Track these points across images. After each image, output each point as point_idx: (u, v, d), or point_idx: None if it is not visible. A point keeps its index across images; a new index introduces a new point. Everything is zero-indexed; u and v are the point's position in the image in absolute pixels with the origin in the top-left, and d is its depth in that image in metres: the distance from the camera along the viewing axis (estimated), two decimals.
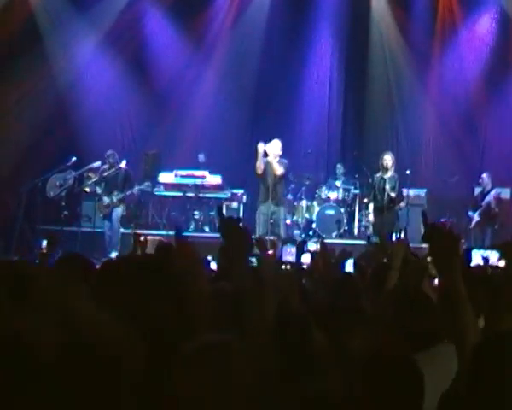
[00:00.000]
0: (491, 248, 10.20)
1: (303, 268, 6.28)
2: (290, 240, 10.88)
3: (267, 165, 13.04)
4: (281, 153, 13.08)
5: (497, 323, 3.27)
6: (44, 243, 11.57)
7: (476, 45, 16.40)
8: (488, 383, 2.18)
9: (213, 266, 7.25)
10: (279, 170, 12.87)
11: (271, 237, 12.68)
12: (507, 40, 16.06)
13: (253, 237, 12.00)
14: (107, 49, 16.10)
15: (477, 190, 14.87)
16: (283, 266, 4.36)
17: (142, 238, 6.75)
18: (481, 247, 11.09)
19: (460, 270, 2.79)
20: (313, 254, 6.72)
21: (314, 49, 16.85)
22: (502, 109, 16.23)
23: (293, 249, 5.01)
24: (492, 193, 14.52)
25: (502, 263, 2.52)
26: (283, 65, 16.54)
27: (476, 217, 14.47)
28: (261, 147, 13.01)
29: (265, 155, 13.20)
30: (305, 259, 6.65)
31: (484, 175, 14.68)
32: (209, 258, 7.37)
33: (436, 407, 2.57)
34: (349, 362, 3.16)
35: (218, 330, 3.17)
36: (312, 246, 7.73)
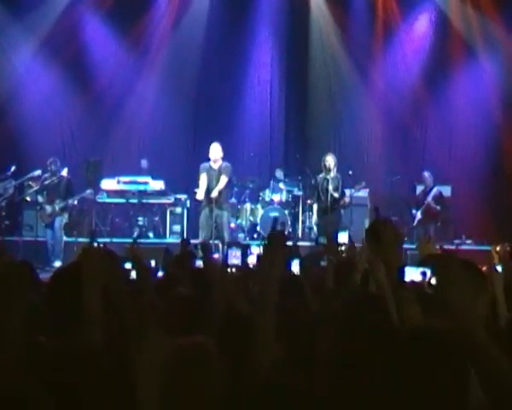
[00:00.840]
0: (421, 264, 10.27)
1: (250, 269, 6.28)
2: (235, 243, 10.87)
3: (209, 169, 12.99)
4: (222, 155, 13.05)
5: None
6: None
7: (416, 44, 16.61)
8: None
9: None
10: (223, 180, 12.84)
11: (216, 241, 12.68)
12: (445, 38, 16.30)
13: (197, 241, 12.06)
14: (45, 55, 15.89)
15: (419, 189, 15.07)
16: (229, 270, 4.36)
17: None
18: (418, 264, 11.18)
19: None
20: (259, 256, 6.73)
21: (254, 51, 16.87)
22: (441, 107, 16.47)
23: (239, 253, 4.99)
24: (433, 191, 14.73)
25: (433, 280, 2.43)
26: (224, 68, 16.52)
27: (419, 215, 14.69)
28: (203, 177, 12.93)
29: (208, 159, 13.16)
30: (251, 260, 6.67)
31: (425, 173, 14.89)
32: (152, 263, 7.31)
33: None
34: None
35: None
36: (256, 249, 7.73)
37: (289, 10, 16.54)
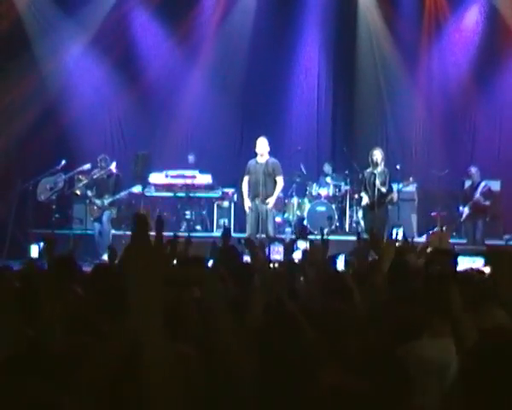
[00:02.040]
0: (476, 254, 10.19)
1: (295, 264, 6.30)
2: (277, 239, 10.90)
3: (257, 165, 13.05)
4: (268, 149, 13.08)
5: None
6: (33, 247, 11.57)
7: (464, 39, 16.42)
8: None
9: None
10: (280, 183, 13.01)
11: (262, 236, 12.72)
12: (495, 33, 16.09)
13: (244, 235, 12.12)
14: (95, 50, 16.07)
15: (467, 184, 14.91)
16: (271, 265, 4.38)
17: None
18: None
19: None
20: (305, 251, 6.75)
21: (301, 46, 16.85)
22: (490, 102, 16.29)
23: (281, 248, 5.01)
24: (482, 185, 14.56)
25: (487, 269, 2.58)
26: (271, 63, 16.52)
27: (467, 210, 14.51)
28: (245, 182, 13.11)
29: (255, 154, 13.22)
30: (297, 256, 6.69)
31: (472, 169, 14.70)
32: None
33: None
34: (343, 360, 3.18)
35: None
36: (302, 244, 7.74)
37: (337, 4, 16.48)
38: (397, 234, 12.37)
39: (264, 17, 16.46)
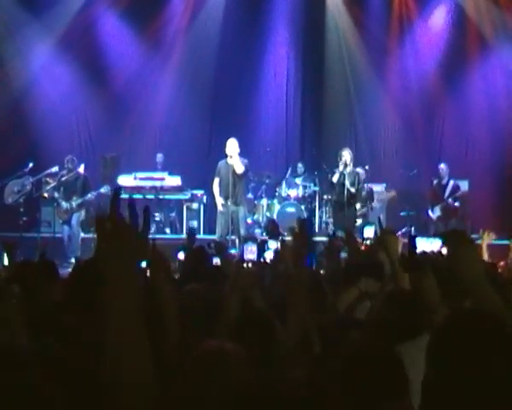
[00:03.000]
0: (434, 235, 10.32)
1: (266, 263, 6.30)
2: (251, 238, 10.88)
3: (227, 166, 13.02)
4: (239, 150, 13.04)
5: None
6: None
7: (432, 39, 16.55)
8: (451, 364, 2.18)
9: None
10: (239, 169, 12.84)
11: (232, 237, 12.70)
12: (462, 33, 16.23)
13: (213, 237, 12.09)
14: (62, 52, 15.96)
15: (435, 182, 15.01)
16: (245, 265, 4.36)
17: None
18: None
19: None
20: (276, 251, 6.76)
21: (271, 47, 16.87)
22: (458, 102, 16.41)
23: (254, 247, 4.97)
24: (450, 185, 14.64)
25: (444, 250, 2.63)
26: (240, 64, 16.53)
27: (438, 211, 14.57)
28: (216, 183, 13.10)
29: (226, 155, 13.18)
30: (268, 256, 6.69)
31: (442, 166, 14.79)
32: (180, 256, 7.40)
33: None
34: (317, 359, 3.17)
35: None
36: (273, 244, 7.74)
37: (306, 6, 16.52)
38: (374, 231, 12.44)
39: (232, 19, 16.45)
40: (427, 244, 3.08)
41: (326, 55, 16.82)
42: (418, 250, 3.19)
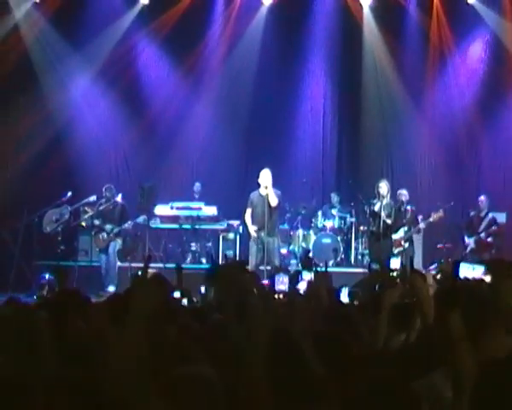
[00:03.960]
0: (478, 262, 10.24)
1: (300, 295, 6.30)
2: (283, 269, 10.89)
3: (260, 197, 13.06)
4: (271, 181, 13.08)
5: (490, 338, 3.28)
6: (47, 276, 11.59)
7: (469, 70, 16.50)
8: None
9: None
10: (274, 201, 12.90)
11: (267, 267, 12.70)
12: (499, 64, 16.16)
13: (248, 267, 12.11)
14: (101, 83, 16.19)
15: (473, 213, 14.89)
16: (276, 296, 4.36)
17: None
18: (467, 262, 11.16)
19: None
20: (310, 282, 6.75)
21: (307, 78, 16.93)
22: (495, 134, 16.32)
23: (286, 278, 5.01)
24: (488, 218, 14.53)
25: (487, 278, 2.64)
26: (276, 95, 16.59)
27: (472, 244, 14.46)
28: (248, 214, 13.16)
29: (259, 185, 13.23)
30: (302, 287, 6.68)
31: (482, 198, 14.69)
32: (202, 290, 7.40)
33: None
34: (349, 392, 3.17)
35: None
36: (307, 275, 7.74)
37: (342, 37, 16.56)
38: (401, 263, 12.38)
39: (269, 50, 16.55)
40: (470, 271, 3.08)
41: (363, 86, 16.81)
42: (461, 276, 3.18)
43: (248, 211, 13.27)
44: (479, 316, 3.24)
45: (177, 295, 6.69)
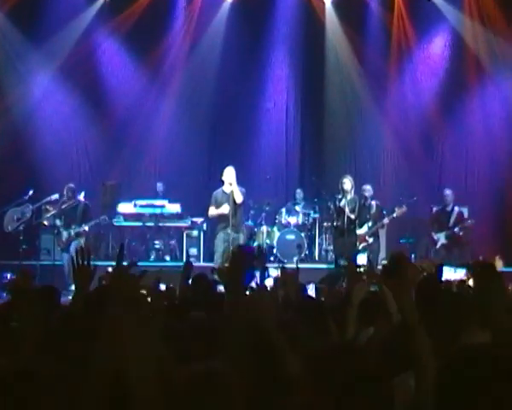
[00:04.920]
0: (460, 265, 10.31)
1: (266, 290, 6.27)
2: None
3: (224, 194, 13.05)
4: (235, 179, 13.08)
5: (470, 338, 3.29)
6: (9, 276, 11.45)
7: (431, 67, 16.64)
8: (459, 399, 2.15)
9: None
10: (239, 198, 12.91)
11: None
12: (461, 61, 16.30)
13: (212, 264, 12.08)
14: (63, 81, 16.03)
15: (438, 208, 14.99)
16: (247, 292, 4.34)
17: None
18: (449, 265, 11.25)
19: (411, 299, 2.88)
20: (276, 278, 6.75)
21: (270, 74, 16.94)
22: (457, 129, 16.45)
23: (256, 274, 4.97)
24: (455, 212, 14.64)
25: (470, 281, 2.70)
26: (239, 92, 16.58)
27: (442, 239, 14.53)
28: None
29: (222, 183, 13.20)
30: (268, 283, 6.66)
31: (447, 192, 14.80)
32: (162, 287, 7.36)
33: None
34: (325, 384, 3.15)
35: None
36: (274, 271, 7.73)
37: (305, 34, 16.60)
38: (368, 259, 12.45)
39: (231, 47, 16.53)
40: (451, 273, 3.11)
41: (325, 82, 16.86)
42: (443, 279, 3.22)
43: (212, 208, 13.24)
44: (458, 316, 3.27)
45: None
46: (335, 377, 2.71)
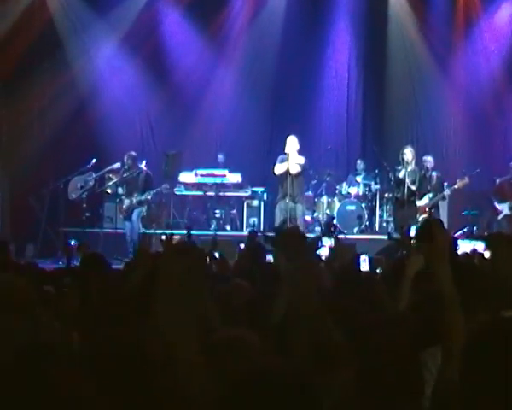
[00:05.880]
0: (478, 238, 10.11)
1: (321, 261, 6.31)
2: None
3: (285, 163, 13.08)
4: (298, 147, 13.07)
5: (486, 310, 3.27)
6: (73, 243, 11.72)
7: (497, 35, 16.29)
8: (487, 371, 2.14)
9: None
10: (294, 168, 12.90)
11: None
12: None
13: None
14: (126, 50, 16.18)
15: (505, 179, 14.65)
16: None
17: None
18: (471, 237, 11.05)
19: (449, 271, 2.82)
20: (331, 248, 6.76)
21: (332, 44, 16.79)
22: None
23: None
24: None
25: (487, 254, 2.62)
26: (301, 61, 16.49)
27: (506, 210, 14.24)
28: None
29: (284, 153, 13.21)
30: (323, 252, 6.69)
31: None
32: (216, 255, 7.44)
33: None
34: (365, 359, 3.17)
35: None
36: (327, 241, 7.73)
37: (368, 3, 16.40)
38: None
39: (293, 17, 16.42)
40: (470, 246, 3.06)
41: (388, 52, 16.66)
42: (460, 251, 3.17)
43: (276, 166, 13.25)
44: (475, 289, 3.23)
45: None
46: (376, 349, 2.73)
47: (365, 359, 2.66)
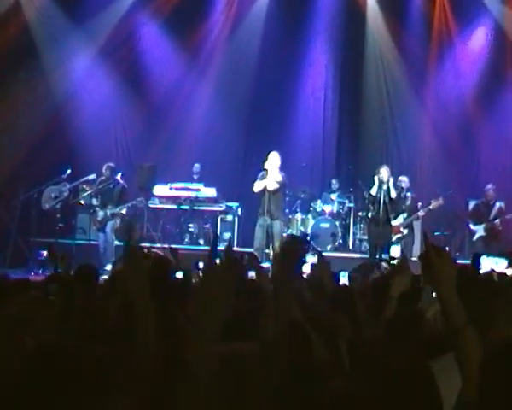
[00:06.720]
0: (499, 255, 10.18)
1: (303, 278, 6.30)
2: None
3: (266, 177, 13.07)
4: (279, 164, 13.08)
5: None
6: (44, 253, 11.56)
7: (471, 59, 16.45)
8: (502, 391, 2.14)
9: None
10: (271, 185, 12.89)
11: (267, 251, 12.71)
12: (502, 53, 16.13)
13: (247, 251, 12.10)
14: (103, 62, 16.12)
15: (472, 203, 14.84)
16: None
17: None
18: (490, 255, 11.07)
19: (455, 296, 2.75)
20: (313, 265, 6.75)
21: (309, 62, 16.86)
22: (496, 123, 16.26)
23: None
24: (497, 206, 14.43)
25: (510, 271, 2.60)
26: (278, 78, 16.54)
27: (482, 231, 14.34)
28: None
29: (260, 169, 13.20)
30: (305, 270, 6.68)
31: (489, 186, 14.54)
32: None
33: None
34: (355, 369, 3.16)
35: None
36: (310, 258, 7.73)
37: (345, 23, 16.51)
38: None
39: (271, 33, 16.49)
40: (493, 264, 3.05)
41: (364, 72, 16.78)
42: (484, 270, 3.14)
43: (256, 183, 13.20)
44: (492, 306, 3.23)
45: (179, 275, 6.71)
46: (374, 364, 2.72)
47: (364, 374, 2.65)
